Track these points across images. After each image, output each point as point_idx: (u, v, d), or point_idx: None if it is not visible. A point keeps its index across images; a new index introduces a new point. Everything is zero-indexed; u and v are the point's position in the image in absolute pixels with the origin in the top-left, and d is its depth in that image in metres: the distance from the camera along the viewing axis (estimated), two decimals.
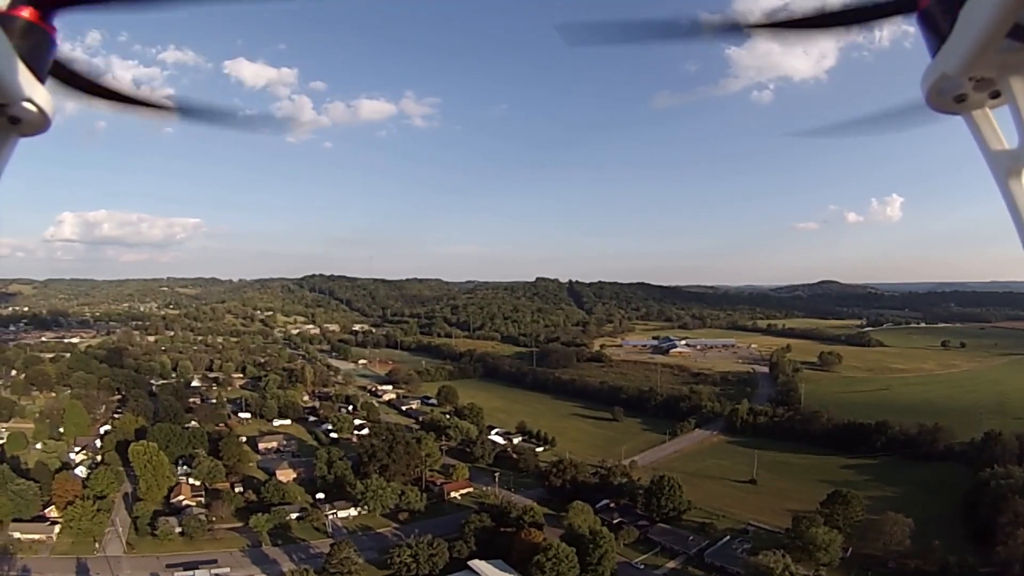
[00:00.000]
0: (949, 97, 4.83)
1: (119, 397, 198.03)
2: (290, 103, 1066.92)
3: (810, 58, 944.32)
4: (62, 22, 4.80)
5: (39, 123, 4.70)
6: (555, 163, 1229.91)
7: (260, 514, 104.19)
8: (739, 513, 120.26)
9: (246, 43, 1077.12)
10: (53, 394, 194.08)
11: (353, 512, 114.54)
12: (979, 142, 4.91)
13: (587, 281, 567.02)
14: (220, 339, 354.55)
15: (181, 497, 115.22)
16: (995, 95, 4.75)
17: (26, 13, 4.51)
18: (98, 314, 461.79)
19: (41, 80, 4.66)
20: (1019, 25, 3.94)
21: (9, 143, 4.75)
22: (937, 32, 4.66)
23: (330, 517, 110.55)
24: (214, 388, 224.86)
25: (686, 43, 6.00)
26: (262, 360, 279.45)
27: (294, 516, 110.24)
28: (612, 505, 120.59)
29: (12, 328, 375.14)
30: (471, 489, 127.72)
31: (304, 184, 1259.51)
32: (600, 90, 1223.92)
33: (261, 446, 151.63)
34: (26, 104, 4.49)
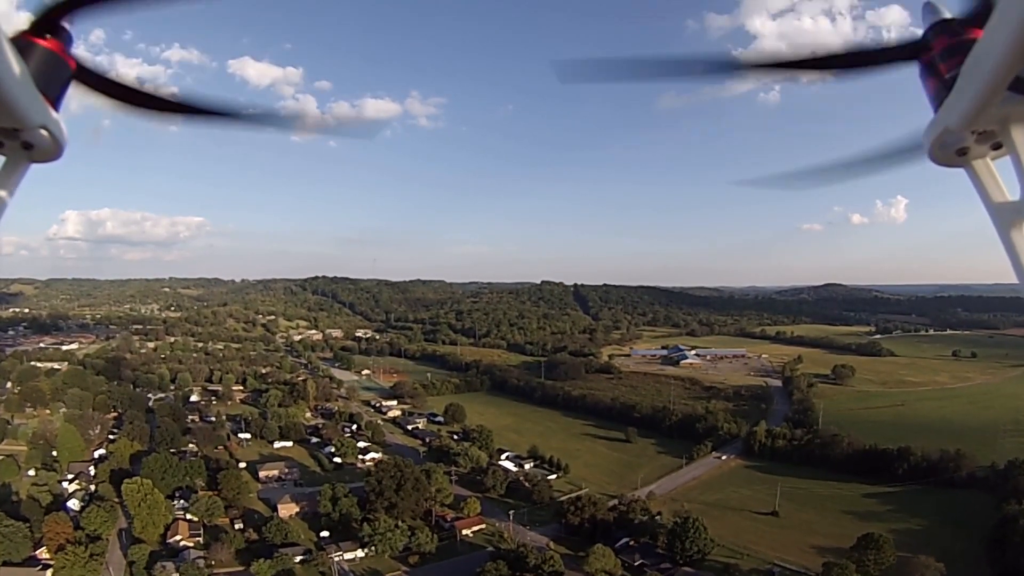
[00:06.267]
0: (952, 151, 4.77)
1: (116, 415, 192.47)
2: (295, 102, 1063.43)
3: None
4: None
5: (52, 151, 4.70)
6: (560, 164, 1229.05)
7: (262, 560, 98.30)
8: (763, 551, 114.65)
9: (252, 42, 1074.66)
10: (48, 411, 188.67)
11: (360, 554, 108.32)
12: (981, 193, 4.78)
13: (592, 285, 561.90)
14: (221, 346, 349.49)
15: (178, 537, 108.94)
16: (996, 146, 4.66)
17: (47, 42, 4.62)
18: (99, 316, 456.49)
19: (56, 108, 4.63)
20: (1020, 78, 3.99)
21: (21, 168, 4.72)
22: (939, 85, 4.65)
23: (336, 560, 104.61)
24: (213, 403, 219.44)
25: (686, 81, 5.78)
26: (263, 371, 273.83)
27: (298, 560, 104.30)
28: (632, 544, 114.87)
29: (11, 332, 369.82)
30: (484, 526, 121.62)
31: (309, 183, 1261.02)
32: (606, 91, 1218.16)
33: (262, 474, 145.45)
34: (41, 131, 4.48)
